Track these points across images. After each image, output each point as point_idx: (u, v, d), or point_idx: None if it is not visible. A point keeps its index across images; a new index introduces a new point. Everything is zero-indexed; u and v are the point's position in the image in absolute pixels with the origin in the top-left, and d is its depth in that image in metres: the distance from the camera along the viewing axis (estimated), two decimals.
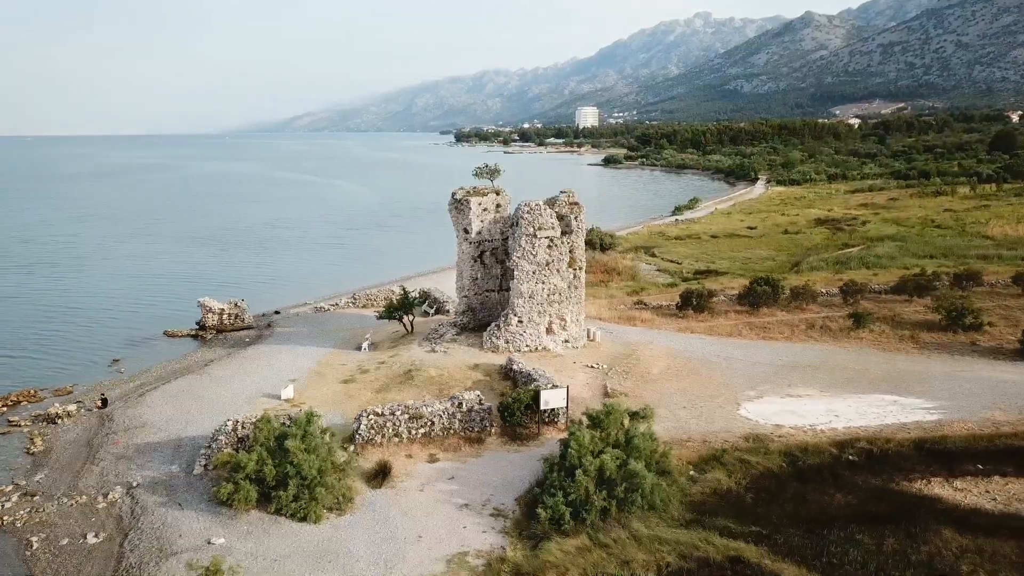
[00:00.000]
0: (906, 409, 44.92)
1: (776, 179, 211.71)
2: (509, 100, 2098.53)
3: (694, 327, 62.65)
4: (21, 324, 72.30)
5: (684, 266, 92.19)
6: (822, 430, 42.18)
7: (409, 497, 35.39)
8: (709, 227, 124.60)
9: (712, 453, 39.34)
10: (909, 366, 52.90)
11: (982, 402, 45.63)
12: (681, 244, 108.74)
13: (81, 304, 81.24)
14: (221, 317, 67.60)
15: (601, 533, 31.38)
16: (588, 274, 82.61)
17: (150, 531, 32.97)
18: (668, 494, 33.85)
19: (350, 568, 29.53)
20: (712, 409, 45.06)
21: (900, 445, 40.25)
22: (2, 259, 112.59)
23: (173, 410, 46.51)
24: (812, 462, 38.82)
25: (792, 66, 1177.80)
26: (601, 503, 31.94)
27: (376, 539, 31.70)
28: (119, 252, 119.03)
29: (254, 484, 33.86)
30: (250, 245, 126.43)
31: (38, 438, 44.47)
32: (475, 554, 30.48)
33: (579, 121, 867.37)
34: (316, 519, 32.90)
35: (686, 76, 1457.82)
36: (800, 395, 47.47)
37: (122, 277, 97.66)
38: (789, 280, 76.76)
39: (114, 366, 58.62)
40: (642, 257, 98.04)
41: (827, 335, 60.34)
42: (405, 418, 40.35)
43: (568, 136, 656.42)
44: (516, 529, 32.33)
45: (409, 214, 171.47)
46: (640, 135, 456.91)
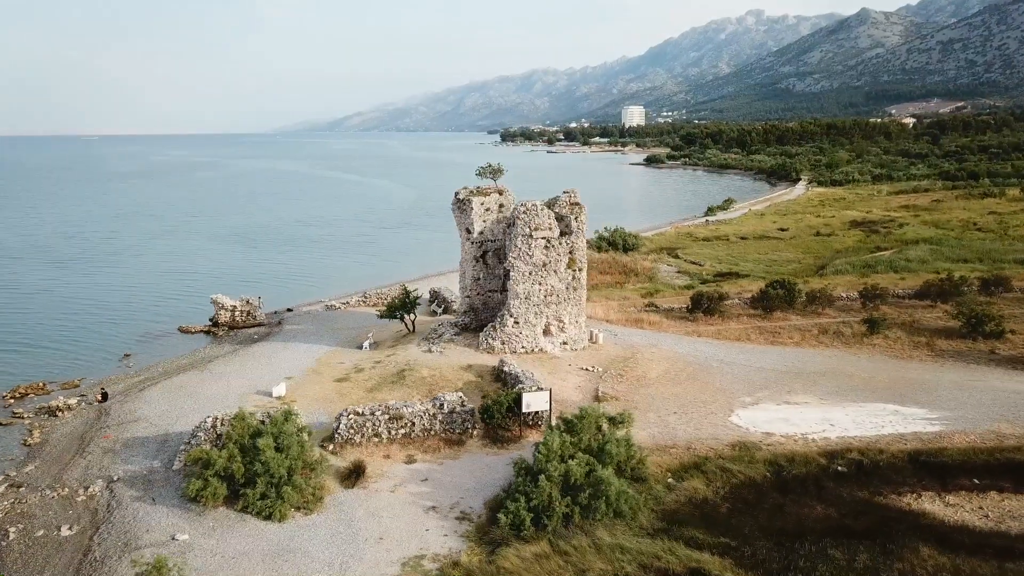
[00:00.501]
0: (906, 419, 43.28)
1: (817, 180, 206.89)
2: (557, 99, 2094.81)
3: (702, 331, 61.41)
4: (44, 317, 74.46)
5: (706, 268, 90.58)
6: (814, 439, 40.89)
7: (379, 498, 35.27)
8: (739, 228, 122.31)
9: (694, 461, 38.42)
10: (919, 374, 51.01)
11: (989, 413, 43.73)
12: (707, 245, 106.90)
13: (104, 299, 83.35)
14: (233, 314, 68.58)
15: (562, 540, 30.79)
16: (605, 275, 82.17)
17: (120, 525, 33.45)
18: (637, 502, 33.11)
19: (304, 568, 29.51)
20: (703, 415, 44.02)
21: (893, 457, 38.80)
22: (43, 253, 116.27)
23: (167, 405, 47.23)
24: (797, 472, 37.64)
25: (846, 64, 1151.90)
26: (563, 509, 31.36)
27: (337, 540, 31.64)
28: (151, 248, 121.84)
29: (224, 481, 34.12)
30: (280, 243, 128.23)
31: (36, 431, 45.57)
32: (432, 558, 30.21)
33: (625, 120, 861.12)
34: (281, 518, 32.99)
35: (736, 75, 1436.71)
36: (798, 403, 46.10)
37: (148, 273, 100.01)
38: (810, 283, 74.87)
39: (124, 361, 59.89)
40: (664, 258, 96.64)
41: (839, 341, 58.58)
42: (385, 418, 40.27)
43: (613, 135, 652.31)
44: (478, 534, 31.96)
45: (441, 213, 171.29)
46: (685, 135, 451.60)
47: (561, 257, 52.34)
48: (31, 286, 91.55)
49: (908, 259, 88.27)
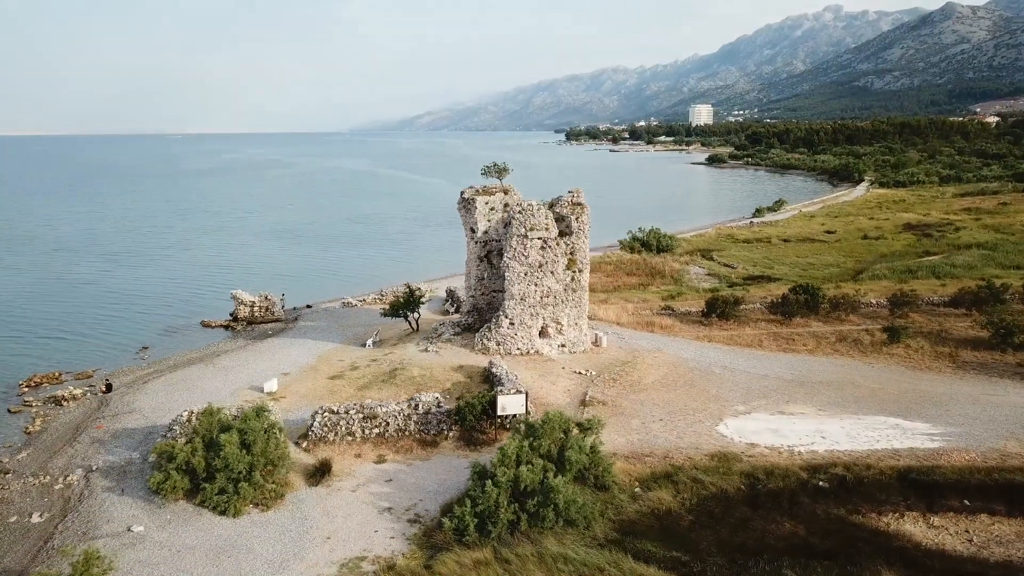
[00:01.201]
0: (906, 434, 41.06)
1: (880, 181, 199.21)
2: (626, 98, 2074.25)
3: (714, 336, 59.65)
4: (79, 308, 77.45)
5: (738, 271, 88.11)
6: (800, 452, 39.16)
7: (339, 497, 35.27)
8: (784, 231, 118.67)
9: (667, 470, 37.20)
10: (933, 387, 48.39)
11: (1000, 430, 41.15)
12: (746, 248, 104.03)
13: (140, 292, 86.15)
14: (252, 309, 69.88)
15: (506, 548, 30.15)
16: (631, 276, 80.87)
17: (86, 514, 34.30)
18: (591, 511, 32.20)
19: (245, 565, 29.66)
20: (689, 423, 42.66)
21: (881, 473, 36.81)
22: (98, 247, 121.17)
23: (164, 398, 48.33)
24: (773, 486, 36.05)
25: (929, 61, 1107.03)
26: (509, 516, 30.72)
27: (285, 537, 31.74)
28: (200, 244, 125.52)
29: (186, 475, 34.63)
30: (324, 240, 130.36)
31: (39, 419, 47.24)
32: (372, 560, 30.00)
33: (692, 119, 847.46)
34: (236, 513, 33.29)
35: (812, 72, 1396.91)
36: (793, 413, 44.26)
37: (189, 267, 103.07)
38: (842, 288, 72.06)
39: (141, 353, 61.59)
40: (697, 260, 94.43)
41: (856, 349, 56.11)
42: (359, 417, 40.30)
43: (679, 134, 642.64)
44: (425, 537, 31.60)
45: None
46: (750, 134, 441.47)
47: (559, 258, 51.49)
48: (77, 278, 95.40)
49: (954, 264, 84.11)
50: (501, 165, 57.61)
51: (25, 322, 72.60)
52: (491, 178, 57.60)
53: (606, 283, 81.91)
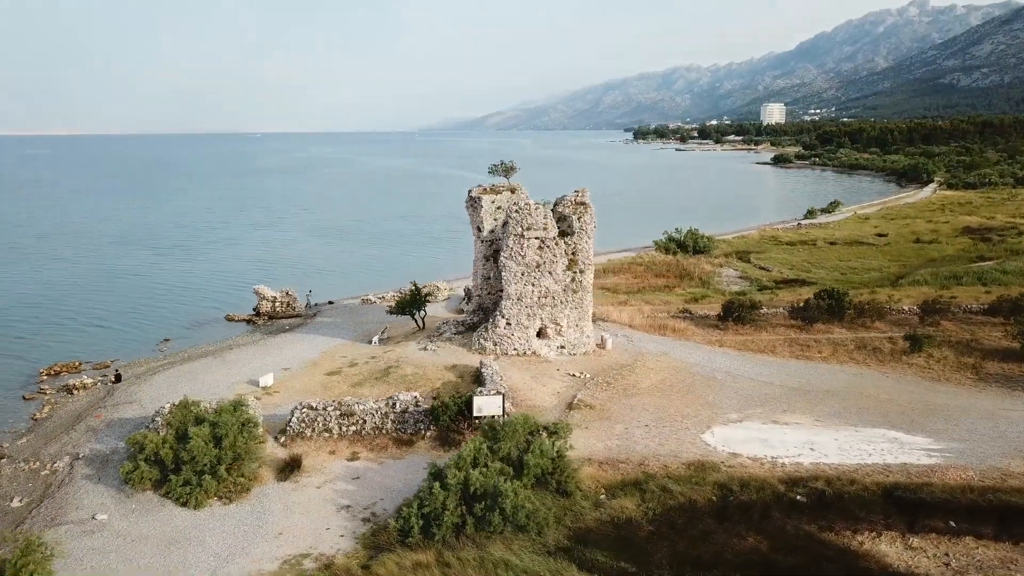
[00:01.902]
0: (903, 448, 38.96)
1: (948, 182, 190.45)
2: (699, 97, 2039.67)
3: (727, 340, 57.83)
4: (116, 300, 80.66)
5: (772, 274, 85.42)
6: (784, 464, 37.56)
7: (303, 493, 35.46)
8: (832, 233, 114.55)
9: (638, 478, 36.16)
10: (948, 399, 45.81)
11: (1007, 448, 38.69)
12: (788, 250, 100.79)
13: (178, 284, 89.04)
14: (274, 304, 71.13)
15: (450, 551, 29.76)
16: (659, 278, 79.37)
17: (60, 501, 35.38)
18: (544, 517, 31.48)
19: (191, 556, 30.07)
20: (674, 431, 41.38)
21: (865, 489, 35.00)
22: (151, 240, 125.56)
23: (166, 390, 49.48)
24: (746, 498, 34.64)
25: (1021, 57, 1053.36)
26: (454, 519, 30.26)
27: (239, 531, 32.06)
28: (247, 239, 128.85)
29: (155, 466, 35.33)
30: (370, 237, 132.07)
31: (48, 407, 49.03)
32: (315, 557, 30.01)
33: (764, 118, 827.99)
34: (197, 505, 33.79)
35: (894, 70, 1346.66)
36: (788, 423, 42.50)
37: (231, 261, 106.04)
38: (877, 294, 69.19)
39: (161, 345, 63.33)
40: (732, 262, 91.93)
41: (873, 358, 53.60)
42: (336, 414, 40.47)
43: (749, 133, 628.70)
44: (373, 537, 31.43)
45: None
46: (820, 133, 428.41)
47: (557, 258, 50.69)
48: (123, 270, 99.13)
49: (1004, 271, 79.63)
50: (508, 163, 57.24)
51: (63, 312, 75.65)
52: (497, 176, 57.01)
53: (632, 284, 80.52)
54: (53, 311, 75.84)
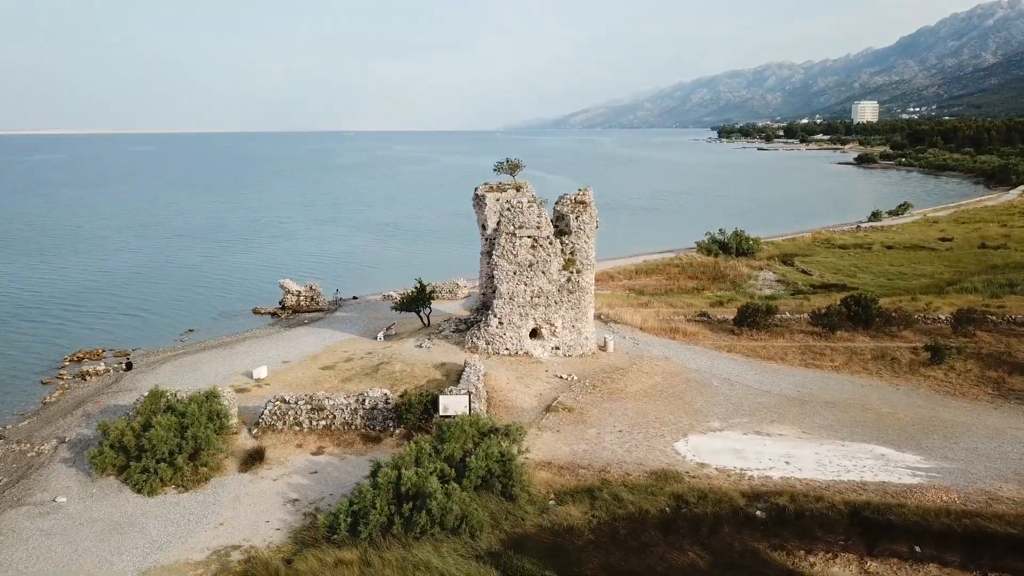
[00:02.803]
0: (887, 466, 36.66)
1: None
2: (791, 95, 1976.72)
3: (737, 346, 55.74)
4: (162, 290, 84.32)
5: (813, 278, 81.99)
6: (751, 476, 35.91)
7: (258, 485, 35.93)
8: (893, 236, 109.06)
9: (594, 484, 35.16)
10: (955, 415, 42.87)
11: (1003, 470, 35.94)
12: (837, 254, 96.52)
13: (219, 277, 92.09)
14: (298, 298, 72.59)
15: (374, 550, 29.57)
16: (691, 280, 77.42)
17: (32, 482, 36.92)
18: (478, 520, 30.92)
19: (128, 542, 30.82)
20: (648, 437, 40.07)
21: (831, 507, 32.99)
22: (216, 234, 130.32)
23: (168, 379, 50.92)
24: (700, 511, 33.18)
25: None
26: (380, 518, 30.04)
27: (183, 519, 32.69)
28: (304, 234, 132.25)
29: (120, 452, 36.42)
30: (419, 234, 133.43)
31: (59, 391, 51.33)
32: (245, 550, 30.32)
33: (855, 116, 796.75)
34: (151, 492, 34.67)
35: (1003, 65, 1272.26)
36: (771, 434, 40.58)
37: (278, 255, 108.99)
38: (919, 301, 65.54)
39: (184, 335, 65.44)
40: (774, 265, 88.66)
41: (889, 369, 50.70)
42: (307, 408, 40.89)
43: (838, 132, 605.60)
44: (306, 532, 31.55)
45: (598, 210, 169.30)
46: (911, 132, 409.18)
47: (551, 258, 49.85)
48: (180, 262, 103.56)
49: None
50: (514, 161, 56.51)
51: (108, 300, 79.34)
52: (503, 174, 56.55)
53: (662, 286, 78.67)
54: (99, 299, 79.54)
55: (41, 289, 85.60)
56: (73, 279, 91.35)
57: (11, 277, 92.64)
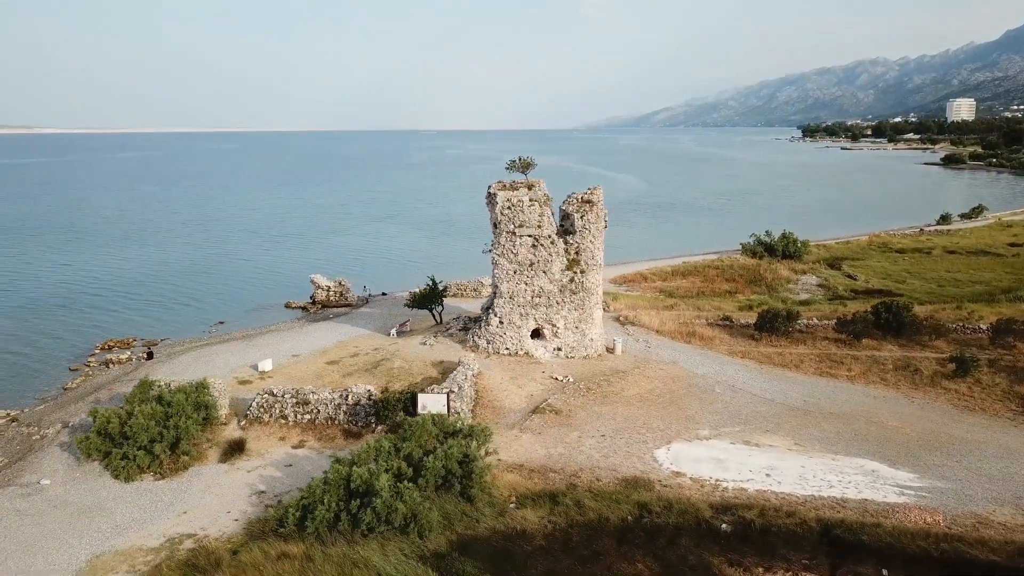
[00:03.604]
0: (876, 483, 34.71)
1: None
2: (884, 92, 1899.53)
3: (753, 352, 53.80)
4: (206, 282, 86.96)
5: (857, 283, 78.52)
6: (725, 488, 34.57)
7: (231, 475, 36.63)
8: (958, 241, 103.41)
9: (559, 489, 34.49)
10: (967, 432, 40.29)
11: (1002, 493, 33.59)
12: (892, 258, 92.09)
13: (265, 270, 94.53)
14: (328, 293, 73.78)
15: (320, 544, 29.69)
16: (728, 282, 75.42)
17: (26, 464, 38.60)
18: (427, 520, 30.68)
19: (92, 526, 31.86)
20: (630, 443, 39.03)
21: (802, 524, 31.40)
22: (273, 229, 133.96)
23: (180, 369, 52.67)
24: (662, 521, 32.06)
25: None
26: (327, 514, 30.14)
27: (150, 507, 33.61)
28: (355, 231, 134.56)
29: (105, 438, 37.66)
30: (470, 232, 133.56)
31: (82, 378, 53.54)
32: (199, 539, 30.93)
33: (950, 115, 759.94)
34: (128, 479, 35.77)
35: None
36: (760, 444, 38.96)
37: (330, 249, 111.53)
38: (964, 310, 62.03)
39: (213, 327, 67.37)
40: (818, 269, 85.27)
41: (909, 380, 48.04)
42: (293, 402, 41.45)
43: (930, 131, 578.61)
44: (261, 524, 31.93)
45: (651, 209, 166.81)
46: (1007, 131, 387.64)
47: (553, 257, 49.12)
48: (235, 255, 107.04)
49: None
50: (526, 159, 55.88)
51: (154, 291, 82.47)
52: (514, 172, 56.02)
53: (694, 288, 76.70)
54: (147, 289, 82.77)
55: (98, 278, 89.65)
56: (130, 269, 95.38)
57: (75, 266, 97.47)
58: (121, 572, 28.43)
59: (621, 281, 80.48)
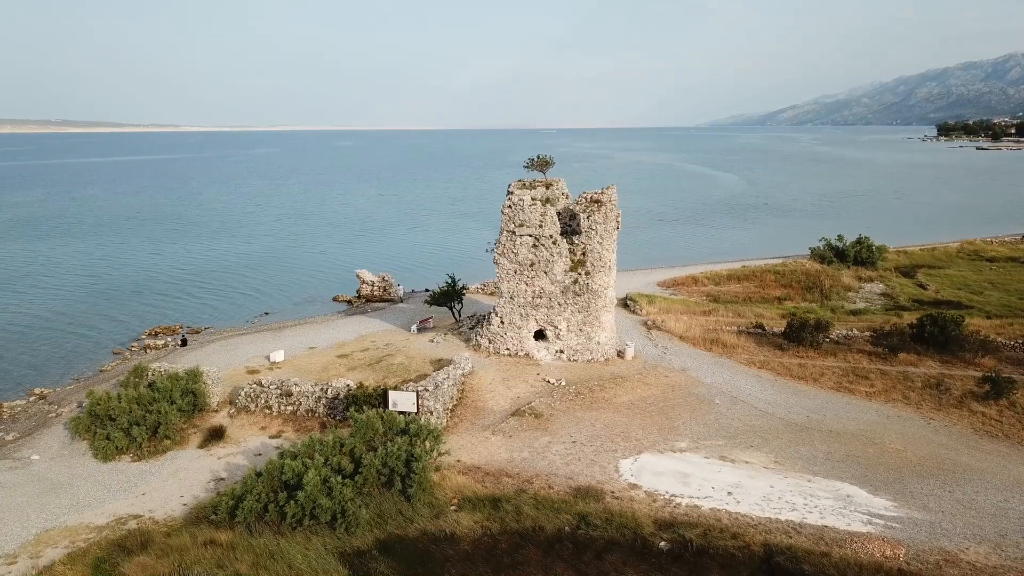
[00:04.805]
0: (845, 509, 32.17)
1: None
2: None
3: (771, 362, 50.97)
4: (268, 273, 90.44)
5: (927, 292, 72.97)
6: (679, 504, 32.97)
7: (203, 461, 37.98)
8: None
9: (504, 494, 33.83)
10: (976, 460, 36.73)
11: (985, 529, 30.43)
12: (977, 267, 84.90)
13: (326, 264, 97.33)
14: (372, 288, 75.31)
15: (252, 535, 30.38)
16: (785, 288, 72.20)
17: (30, 440, 41.43)
18: (354, 517, 30.79)
19: (55, 501, 33.79)
20: (599, 452, 37.80)
21: (744, 547, 29.61)
22: (347, 225, 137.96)
23: (205, 356, 54.95)
24: (599, 534, 30.92)
25: None
26: (255, 505, 30.75)
27: (114, 486, 35.33)
28: (435, 227, 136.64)
29: (96, 419, 39.88)
30: None
31: (118, 361, 56.88)
32: (144, 520, 32.19)
33: None
34: (105, 458, 37.74)
35: None
36: (734, 460, 36.88)
37: (396, 245, 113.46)
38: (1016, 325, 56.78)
39: (258, 317, 70.10)
40: (888, 276, 79.70)
41: (934, 400, 44.23)
42: (277, 393, 42.53)
43: None
44: (201, 510, 32.90)
45: (742, 211, 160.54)
46: None
47: (555, 258, 48.15)
48: (303, 248, 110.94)
49: None
50: (545, 158, 55.14)
51: (225, 279, 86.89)
52: (532, 171, 55.38)
53: (744, 293, 73.39)
54: (215, 279, 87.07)
55: (179, 267, 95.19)
56: (210, 259, 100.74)
57: (165, 255, 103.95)
58: (60, 547, 29.95)
59: (670, 284, 77.99)
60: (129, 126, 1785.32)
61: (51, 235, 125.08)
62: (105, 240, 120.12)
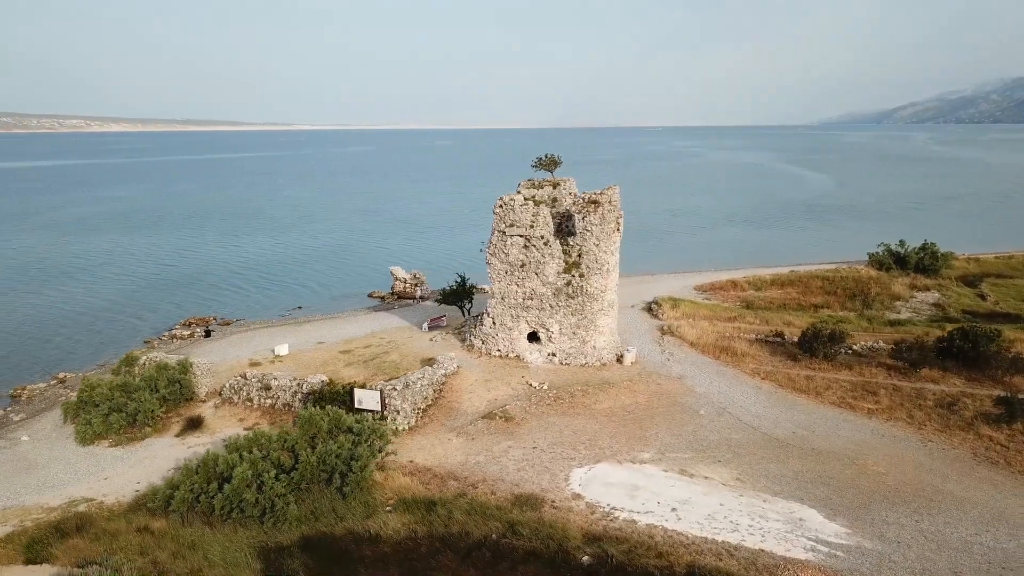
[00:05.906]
0: (792, 532, 30.19)
1: None
2: None
3: (777, 373, 48.45)
4: (313, 268, 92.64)
5: (985, 304, 67.80)
6: (615, 517, 31.75)
7: (173, 450, 39.28)
8: None
9: (442, 497, 33.47)
10: (962, 489, 33.77)
11: (940, 566, 27.90)
12: None
13: (373, 260, 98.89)
14: (404, 285, 76.13)
15: (184, 524, 31.16)
16: (828, 295, 69.03)
17: (33, 420, 43.87)
18: (282, 512, 31.09)
19: (26, 480, 35.71)
20: (554, 459, 36.81)
21: (667, 567, 28.25)
22: (424, 221, 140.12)
23: (220, 348, 56.91)
24: (520, 543, 30.13)
25: None
26: (187, 495, 31.47)
27: (83, 469, 37.02)
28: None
29: (83, 405, 41.81)
30: None
31: (143, 349, 59.38)
32: (93, 505, 33.43)
33: None
34: (83, 443, 39.54)
35: None
36: (693, 475, 35.20)
37: (454, 242, 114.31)
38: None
39: (289, 311, 71.99)
40: (948, 286, 74.41)
41: (942, 421, 40.93)
42: (258, 386, 43.47)
43: None
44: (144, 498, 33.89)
45: (820, 213, 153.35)
46: None
47: (546, 259, 47.22)
48: (355, 244, 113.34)
49: None
50: (552, 157, 54.23)
51: (271, 273, 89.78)
52: (540, 171, 54.58)
53: (783, 299, 70.11)
54: (261, 273, 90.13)
55: (232, 260, 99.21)
56: (265, 253, 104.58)
57: (227, 248, 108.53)
58: (9, 526, 31.54)
59: (707, 288, 75.38)
60: (245, 124, 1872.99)
61: (136, 228, 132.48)
62: (184, 233, 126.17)
